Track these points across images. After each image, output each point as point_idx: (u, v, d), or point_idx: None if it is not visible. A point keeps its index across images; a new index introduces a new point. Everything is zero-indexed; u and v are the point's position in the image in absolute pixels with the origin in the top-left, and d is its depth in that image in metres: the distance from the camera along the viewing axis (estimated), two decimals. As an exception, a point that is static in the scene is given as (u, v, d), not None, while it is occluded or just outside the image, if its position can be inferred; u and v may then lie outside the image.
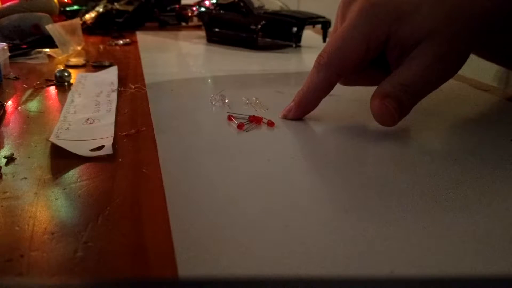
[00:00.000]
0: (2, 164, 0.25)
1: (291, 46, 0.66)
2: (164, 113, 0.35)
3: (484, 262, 0.17)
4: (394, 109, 0.30)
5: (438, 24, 0.30)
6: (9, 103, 0.38)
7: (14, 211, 0.20)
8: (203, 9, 0.72)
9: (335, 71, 0.32)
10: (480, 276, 0.16)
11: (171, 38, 0.78)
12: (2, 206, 0.20)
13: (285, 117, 0.34)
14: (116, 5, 0.86)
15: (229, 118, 0.33)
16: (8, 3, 0.71)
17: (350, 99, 0.39)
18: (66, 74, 0.44)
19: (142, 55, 0.61)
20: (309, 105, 0.33)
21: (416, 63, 0.30)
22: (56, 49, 0.59)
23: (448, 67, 0.31)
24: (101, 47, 0.69)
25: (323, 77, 0.32)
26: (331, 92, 0.32)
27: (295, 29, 0.64)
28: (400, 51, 0.31)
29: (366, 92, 0.35)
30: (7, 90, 0.42)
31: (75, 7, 0.90)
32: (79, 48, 0.64)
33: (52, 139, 0.28)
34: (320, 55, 0.32)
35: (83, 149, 0.27)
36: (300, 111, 0.34)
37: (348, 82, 0.37)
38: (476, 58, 0.59)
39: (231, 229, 0.19)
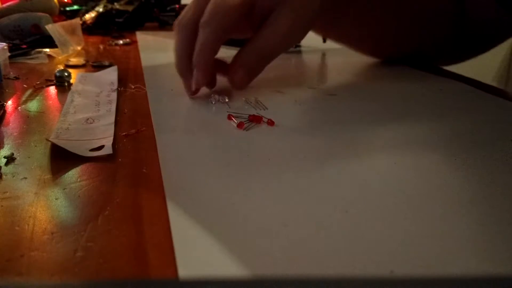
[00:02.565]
0: (2, 164, 0.25)
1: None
2: (164, 113, 0.35)
3: (485, 262, 0.17)
4: (244, 76, 0.37)
5: None
6: (9, 103, 0.38)
7: (14, 211, 0.20)
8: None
9: (219, 25, 0.35)
10: (481, 276, 0.16)
11: (171, 38, 0.78)
12: (2, 206, 0.20)
13: (196, 89, 0.37)
14: (116, 5, 0.86)
15: (229, 117, 0.33)
16: (8, 3, 0.71)
17: (350, 99, 0.39)
18: (66, 74, 0.44)
19: (142, 55, 0.61)
20: (207, 64, 0.36)
21: (270, 29, 0.36)
22: (56, 49, 0.59)
23: (295, 33, 0.38)
24: (101, 47, 0.69)
25: (209, 32, 0.35)
26: (331, 92, 0.32)
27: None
28: (260, 17, 0.37)
29: (366, 92, 0.35)
30: (7, 90, 0.42)
31: (75, 7, 0.90)
32: (79, 48, 0.64)
33: (52, 139, 0.28)
34: (202, 17, 0.36)
35: (83, 149, 0.27)
36: (203, 73, 0.36)
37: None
38: (476, 59, 0.59)
39: (230, 229, 0.19)
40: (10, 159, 0.25)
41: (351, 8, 0.46)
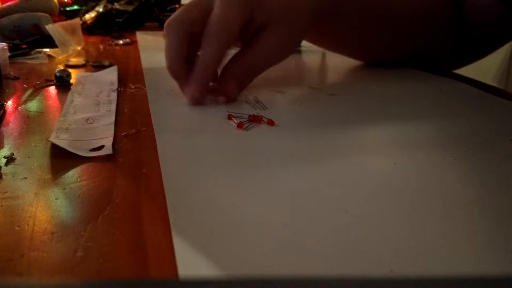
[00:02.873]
0: (2, 164, 0.25)
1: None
2: (164, 113, 0.35)
3: (485, 262, 0.17)
4: (235, 87, 0.37)
5: (282, 12, 0.37)
6: (9, 103, 0.38)
7: (14, 211, 0.20)
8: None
9: (225, 38, 0.35)
10: (481, 276, 0.16)
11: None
12: (2, 206, 0.20)
13: (193, 99, 0.36)
14: (116, 5, 0.86)
15: (229, 117, 0.33)
16: (8, 3, 0.71)
17: (350, 99, 0.39)
18: (66, 74, 0.44)
19: (142, 55, 0.61)
20: (208, 78, 0.36)
21: (260, 43, 0.37)
22: (56, 49, 0.59)
23: (286, 49, 0.40)
24: (101, 47, 0.69)
25: (217, 45, 0.35)
26: (331, 92, 0.32)
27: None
28: (253, 30, 0.37)
29: (366, 92, 0.35)
30: (7, 90, 0.42)
31: (75, 7, 0.90)
32: (79, 48, 0.64)
33: (52, 139, 0.28)
34: (206, 30, 0.35)
35: (83, 149, 0.27)
36: (199, 88, 0.36)
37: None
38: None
39: (230, 229, 0.19)
40: (10, 159, 0.25)
41: (341, 22, 0.47)
